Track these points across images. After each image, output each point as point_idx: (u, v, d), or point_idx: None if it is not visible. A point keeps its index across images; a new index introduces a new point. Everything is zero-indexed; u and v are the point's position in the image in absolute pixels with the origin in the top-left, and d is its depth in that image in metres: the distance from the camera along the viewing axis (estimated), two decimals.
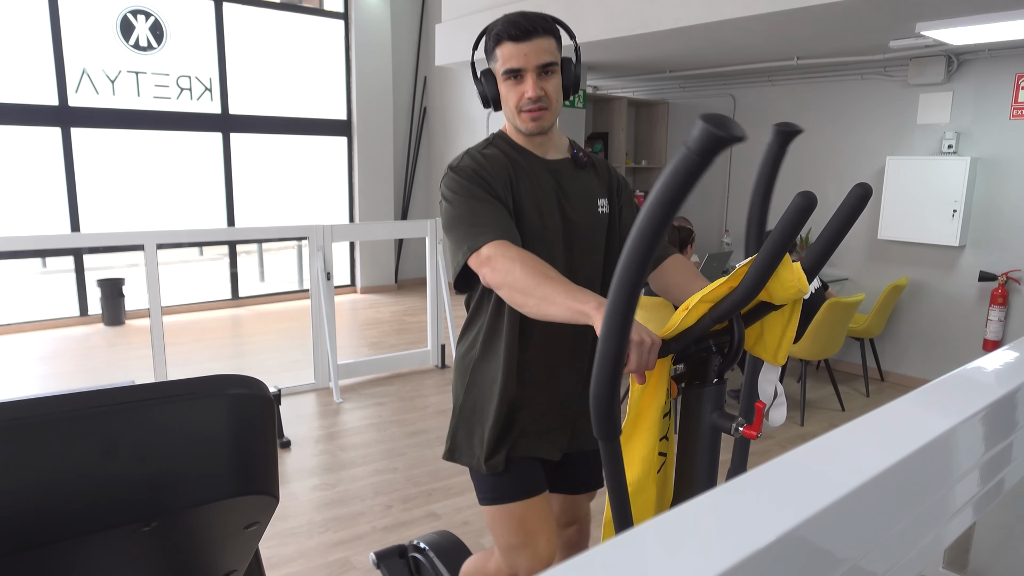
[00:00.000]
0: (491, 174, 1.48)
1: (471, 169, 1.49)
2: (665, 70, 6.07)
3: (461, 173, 1.49)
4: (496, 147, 1.57)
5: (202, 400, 0.85)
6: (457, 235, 1.43)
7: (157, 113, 6.80)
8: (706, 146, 0.71)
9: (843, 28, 4.09)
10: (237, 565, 1.02)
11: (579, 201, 1.57)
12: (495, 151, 1.55)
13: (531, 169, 1.54)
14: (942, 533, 0.72)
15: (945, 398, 0.76)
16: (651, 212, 0.79)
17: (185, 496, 0.84)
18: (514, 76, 1.48)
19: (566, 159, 1.60)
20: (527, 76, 1.47)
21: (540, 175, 1.55)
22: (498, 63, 1.49)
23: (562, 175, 1.57)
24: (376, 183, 8.19)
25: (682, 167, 0.74)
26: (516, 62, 1.46)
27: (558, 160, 1.59)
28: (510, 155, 1.55)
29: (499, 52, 1.48)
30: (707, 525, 0.49)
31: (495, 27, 1.49)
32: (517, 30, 1.45)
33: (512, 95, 1.50)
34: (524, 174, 1.53)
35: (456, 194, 1.47)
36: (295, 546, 2.81)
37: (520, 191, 1.51)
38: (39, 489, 0.75)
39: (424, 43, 8.38)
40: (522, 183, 1.52)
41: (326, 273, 4.58)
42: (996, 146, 4.61)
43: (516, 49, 1.45)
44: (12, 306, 6.52)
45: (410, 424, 4.14)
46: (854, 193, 1.02)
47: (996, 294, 4.59)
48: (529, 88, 1.47)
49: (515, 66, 1.46)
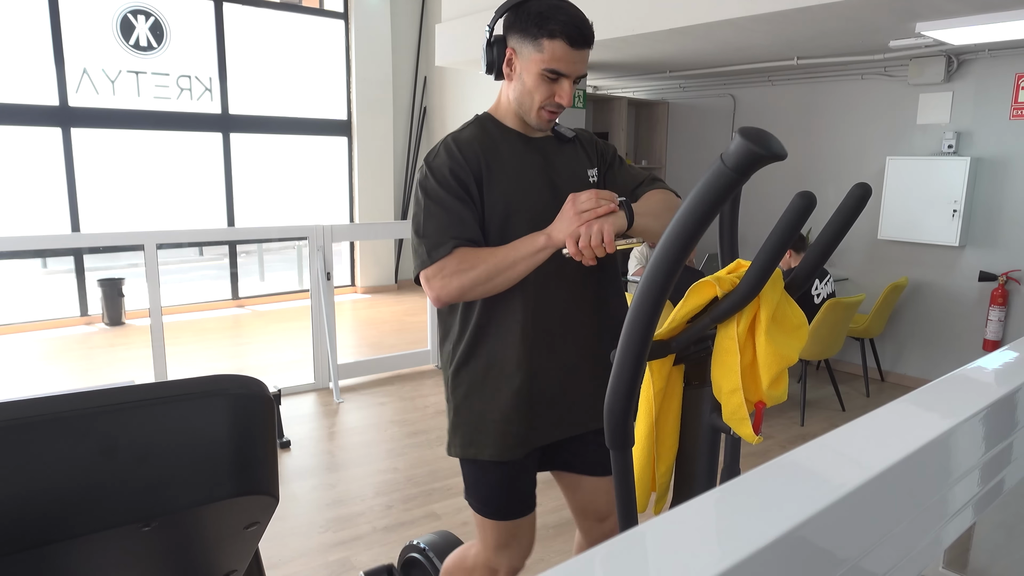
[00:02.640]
0: (463, 168, 1.48)
1: (446, 168, 1.48)
2: (665, 70, 6.06)
3: (435, 172, 1.49)
4: (477, 129, 1.55)
5: (202, 400, 0.85)
6: (415, 244, 1.49)
7: (157, 113, 6.80)
8: (743, 163, 0.68)
9: (843, 28, 4.09)
10: (237, 565, 1.02)
11: (568, 174, 1.58)
12: (472, 135, 1.53)
13: (516, 150, 1.54)
14: (942, 533, 0.72)
15: (945, 398, 0.76)
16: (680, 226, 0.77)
17: (185, 496, 0.84)
18: (552, 76, 1.44)
19: (549, 136, 1.61)
20: (565, 82, 1.45)
21: (526, 155, 1.55)
22: (543, 55, 1.42)
23: (548, 151, 1.58)
24: (376, 183, 8.19)
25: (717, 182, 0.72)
26: (564, 66, 1.43)
27: (543, 138, 1.59)
28: (494, 137, 1.54)
29: (548, 46, 1.41)
30: (707, 525, 0.49)
31: (551, 17, 1.41)
32: (578, 35, 1.41)
33: (541, 91, 1.46)
34: (506, 157, 1.53)
35: (427, 196, 1.49)
36: (295, 546, 2.81)
37: (496, 176, 1.50)
38: (39, 489, 0.75)
39: (424, 43, 8.38)
40: (499, 167, 1.51)
41: (326, 273, 4.58)
42: (996, 146, 4.61)
43: (569, 53, 1.42)
44: (13, 306, 6.52)
45: (410, 424, 4.14)
46: (853, 193, 1.02)
47: (996, 294, 4.59)
48: (565, 96, 1.46)
49: (562, 70, 1.43)
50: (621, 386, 0.93)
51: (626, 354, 0.91)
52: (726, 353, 1.06)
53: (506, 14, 1.48)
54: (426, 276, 1.46)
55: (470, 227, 1.47)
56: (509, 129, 1.56)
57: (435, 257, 1.44)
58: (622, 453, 0.99)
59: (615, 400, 0.95)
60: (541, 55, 1.42)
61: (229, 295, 7.57)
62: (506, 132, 1.56)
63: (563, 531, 2.91)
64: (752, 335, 1.06)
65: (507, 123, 1.57)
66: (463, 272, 1.43)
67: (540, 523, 2.93)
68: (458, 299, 1.47)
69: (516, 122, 1.56)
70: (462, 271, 1.43)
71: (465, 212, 1.47)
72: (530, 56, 1.44)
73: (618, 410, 0.95)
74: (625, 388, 0.93)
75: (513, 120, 1.56)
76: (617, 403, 0.95)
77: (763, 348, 1.04)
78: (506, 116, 1.56)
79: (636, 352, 0.90)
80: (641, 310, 0.87)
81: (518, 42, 1.46)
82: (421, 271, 1.47)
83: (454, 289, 1.44)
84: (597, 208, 1.35)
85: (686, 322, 1.11)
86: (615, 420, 0.96)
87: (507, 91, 1.54)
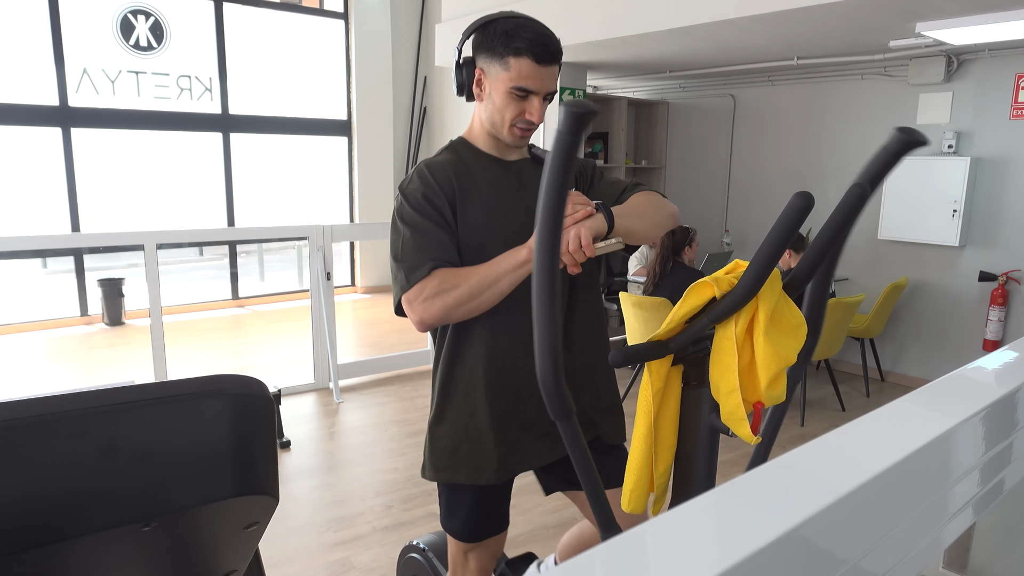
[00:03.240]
0: (436, 194, 1.47)
1: (420, 193, 1.47)
2: (665, 70, 6.06)
3: (409, 199, 1.48)
4: (451, 154, 1.54)
5: (202, 400, 0.85)
6: (394, 270, 1.47)
7: (157, 113, 6.80)
8: (573, 125, 0.87)
9: (843, 28, 4.09)
10: (237, 565, 1.02)
11: None
12: (446, 161, 1.52)
13: (490, 175, 1.52)
14: (942, 533, 0.72)
15: (945, 398, 0.76)
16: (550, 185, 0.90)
17: (185, 496, 0.84)
18: (521, 93, 1.43)
19: (526, 159, 1.59)
20: (535, 99, 1.44)
21: (501, 179, 1.53)
22: (509, 74, 1.42)
23: (523, 174, 1.56)
24: (376, 183, 8.19)
25: (560, 146, 0.88)
26: (532, 84, 1.42)
27: (519, 160, 1.58)
28: (467, 162, 1.52)
29: (515, 64, 1.41)
30: (707, 525, 0.49)
31: (516, 35, 1.41)
32: (544, 52, 1.41)
33: (511, 109, 1.45)
34: (479, 182, 1.51)
35: (403, 222, 1.48)
36: (295, 546, 2.81)
37: (469, 201, 1.49)
38: (39, 489, 0.75)
39: (424, 43, 8.39)
40: (473, 192, 1.49)
41: (326, 273, 4.58)
42: (996, 146, 4.61)
43: (536, 71, 1.41)
44: (13, 306, 6.52)
45: (410, 424, 4.14)
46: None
47: (996, 294, 4.59)
48: (535, 113, 1.45)
49: (530, 87, 1.42)
50: (546, 356, 0.97)
51: (541, 323, 0.95)
52: (724, 353, 1.06)
53: (473, 34, 1.48)
54: (407, 300, 1.43)
55: (448, 249, 1.45)
56: (483, 153, 1.54)
57: (413, 280, 1.42)
58: (567, 423, 1.01)
59: (544, 370, 0.98)
60: (508, 73, 1.42)
61: (229, 295, 7.57)
62: (479, 156, 1.54)
63: (563, 531, 2.91)
64: (750, 335, 1.06)
65: (480, 146, 1.55)
66: (445, 292, 1.40)
67: (539, 523, 2.93)
68: (442, 321, 1.44)
69: (490, 144, 1.54)
70: (444, 291, 1.40)
71: (442, 235, 1.45)
72: (498, 75, 1.44)
73: (549, 379, 0.98)
74: (550, 357, 0.96)
75: (487, 143, 1.54)
76: (547, 373, 0.98)
77: (761, 348, 1.04)
78: (479, 139, 1.55)
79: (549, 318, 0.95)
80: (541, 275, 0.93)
81: (486, 62, 1.45)
82: (402, 295, 1.44)
83: (437, 310, 1.41)
84: (574, 213, 1.34)
85: (684, 322, 1.11)
86: (549, 390, 0.99)
87: (479, 112, 1.53)
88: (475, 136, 1.56)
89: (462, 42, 1.50)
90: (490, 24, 1.45)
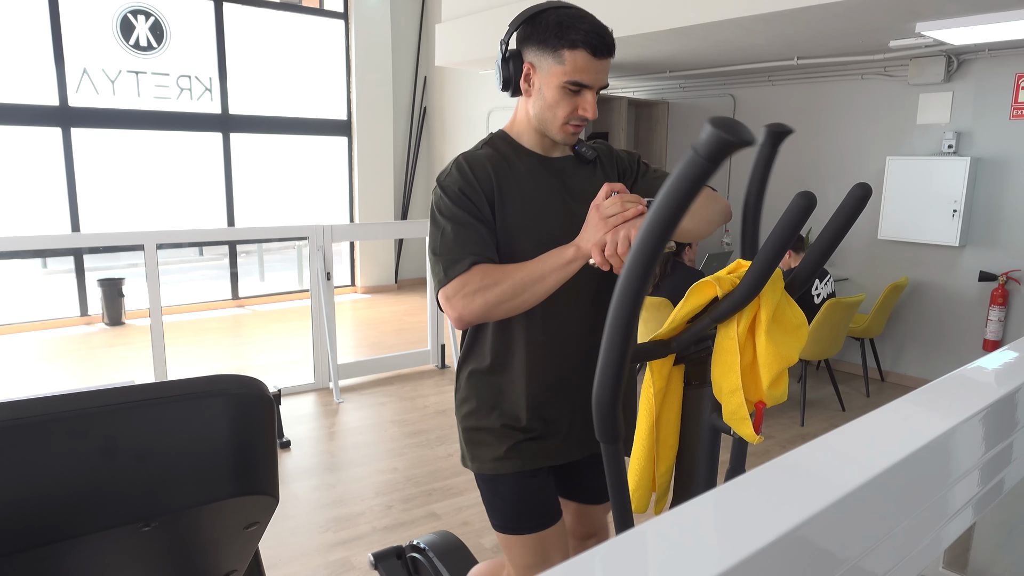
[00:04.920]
0: (475, 189, 1.42)
1: (457, 187, 1.42)
2: (665, 70, 6.07)
3: (447, 192, 1.43)
4: (491, 149, 1.47)
5: (202, 400, 0.85)
6: (432, 263, 1.43)
7: (157, 113, 6.80)
8: (715, 151, 0.71)
9: (843, 28, 4.09)
10: (237, 565, 1.02)
11: (586, 198, 1.46)
12: (485, 156, 1.45)
13: (531, 172, 1.46)
14: (942, 533, 0.72)
15: (945, 398, 0.76)
16: (658, 217, 0.78)
17: (185, 496, 0.84)
18: (575, 88, 1.37)
19: (569, 156, 1.53)
20: (588, 94, 1.38)
21: (541, 178, 1.47)
22: (564, 67, 1.35)
23: (566, 174, 1.50)
24: (376, 183, 8.19)
25: (690, 171, 0.74)
26: (588, 78, 1.36)
27: (562, 158, 1.51)
28: (507, 157, 1.46)
29: (570, 57, 1.34)
30: (707, 525, 0.49)
31: (571, 27, 1.34)
32: (601, 44, 1.35)
33: (565, 105, 1.39)
34: (519, 179, 1.46)
35: (441, 215, 1.43)
36: (295, 546, 2.81)
37: (507, 198, 1.44)
38: (39, 489, 0.75)
39: (424, 43, 8.39)
40: (512, 189, 1.44)
41: (326, 273, 4.58)
42: (996, 146, 4.61)
43: (592, 64, 1.35)
44: (13, 306, 6.52)
45: (410, 424, 4.14)
46: (853, 193, 1.02)
47: (996, 294, 4.59)
48: (589, 108, 1.39)
49: (585, 81, 1.36)
50: (607, 378, 0.93)
51: (611, 344, 0.91)
52: (726, 353, 1.06)
53: (521, 26, 1.40)
54: (446, 295, 1.37)
55: (488, 245, 1.40)
56: (524, 149, 1.48)
57: (453, 274, 1.36)
58: (612, 446, 0.99)
59: (602, 392, 0.95)
60: (563, 67, 1.35)
61: (229, 295, 7.57)
62: (521, 152, 1.48)
63: None
64: (752, 335, 1.06)
65: (523, 142, 1.49)
66: (487, 288, 1.34)
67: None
68: (482, 319, 1.37)
69: (534, 140, 1.48)
70: (486, 287, 1.34)
71: (482, 229, 1.40)
72: (550, 69, 1.37)
73: (605, 402, 0.95)
74: (611, 379, 0.93)
75: (530, 138, 1.48)
76: (604, 395, 0.95)
77: (763, 348, 1.04)
78: (522, 134, 1.49)
79: (621, 342, 0.90)
80: (624, 300, 0.87)
81: (536, 55, 1.38)
82: (440, 290, 1.38)
83: (478, 307, 1.35)
84: (624, 212, 1.27)
85: (686, 322, 1.11)
86: (603, 412, 0.96)
87: (525, 107, 1.46)
88: (518, 131, 1.49)
89: (509, 34, 1.43)
90: (540, 15, 1.38)
